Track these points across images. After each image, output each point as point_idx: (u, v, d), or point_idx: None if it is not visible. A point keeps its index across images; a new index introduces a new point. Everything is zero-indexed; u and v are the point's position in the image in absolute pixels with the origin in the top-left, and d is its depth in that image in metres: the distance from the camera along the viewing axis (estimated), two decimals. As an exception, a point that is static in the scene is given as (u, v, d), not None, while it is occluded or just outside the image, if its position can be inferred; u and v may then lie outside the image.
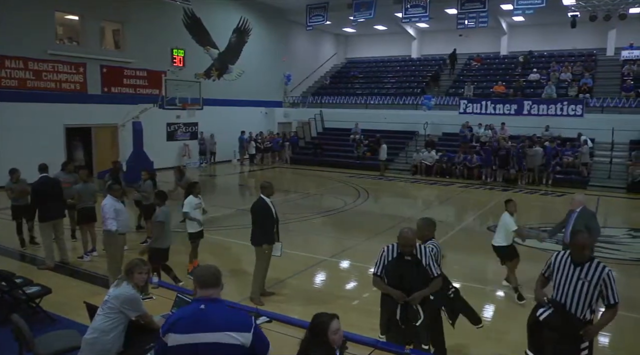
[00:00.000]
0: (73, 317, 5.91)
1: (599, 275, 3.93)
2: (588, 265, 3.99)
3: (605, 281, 3.93)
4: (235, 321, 2.83)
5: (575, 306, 4.01)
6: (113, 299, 4.13)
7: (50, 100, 17.01)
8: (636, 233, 11.71)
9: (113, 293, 4.17)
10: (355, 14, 22.85)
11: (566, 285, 4.04)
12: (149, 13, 20.21)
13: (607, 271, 3.94)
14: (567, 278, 4.04)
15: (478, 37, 27.97)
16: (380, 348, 4.05)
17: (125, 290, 4.17)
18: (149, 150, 18.17)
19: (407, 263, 4.37)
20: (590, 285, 3.94)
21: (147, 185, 9.89)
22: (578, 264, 4.02)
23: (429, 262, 4.43)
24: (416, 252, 4.41)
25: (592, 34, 25.32)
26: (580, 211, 6.81)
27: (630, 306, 7.13)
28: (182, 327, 2.83)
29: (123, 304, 4.11)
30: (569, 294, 4.03)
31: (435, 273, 4.45)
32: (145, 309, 4.29)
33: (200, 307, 2.86)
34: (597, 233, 6.87)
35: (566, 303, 4.04)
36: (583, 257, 4.01)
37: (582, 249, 4.01)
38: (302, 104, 28.42)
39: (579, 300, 3.99)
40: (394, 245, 4.46)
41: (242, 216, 10.90)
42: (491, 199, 16.01)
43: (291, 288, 7.54)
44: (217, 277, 2.97)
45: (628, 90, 21.21)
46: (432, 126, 23.07)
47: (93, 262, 8.76)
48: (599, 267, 3.97)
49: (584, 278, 3.96)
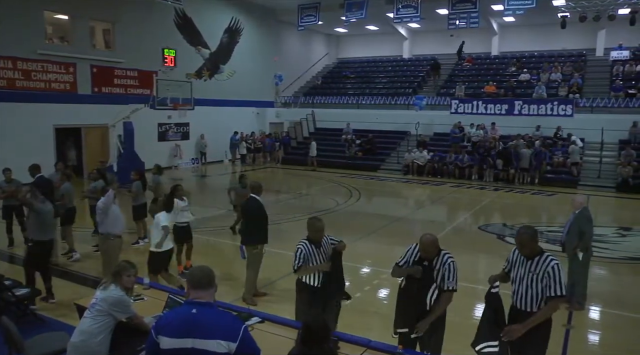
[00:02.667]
0: (63, 319, 5.86)
1: (544, 268, 4.01)
2: (537, 259, 4.07)
3: (549, 273, 3.99)
4: (224, 329, 2.81)
5: (530, 300, 4.10)
6: (101, 302, 4.09)
7: (39, 101, 16.85)
8: (625, 232, 11.83)
9: (101, 296, 4.14)
10: (347, 14, 22.86)
11: (520, 279, 4.17)
12: (140, 13, 20.09)
13: (553, 264, 4.00)
14: (521, 272, 4.16)
15: (469, 37, 28.06)
16: (373, 348, 4.05)
17: (113, 292, 4.15)
18: (140, 151, 18.12)
19: (424, 268, 4.37)
20: (537, 278, 4.04)
21: (136, 186, 9.82)
22: (529, 259, 4.12)
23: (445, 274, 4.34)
24: (436, 262, 4.37)
25: (581, 34, 25.49)
26: (578, 213, 6.86)
27: (620, 304, 7.20)
28: (174, 330, 2.82)
29: (112, 307, 4.08)
30: (522, 287, 4.14)
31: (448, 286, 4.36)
32: (135, 311, 4.26)
33: (192, 311, 2.83)
34: (590, 237, 6.90)
35: (519, 297, 4.15)
36: (530, 253, 4.10)
37: (521, 246, 4.13)
38: (293, 104, 28.39)
39: (531, 293, 4.09)
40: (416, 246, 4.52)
41: (233, 217, 10.87)
42: (482, 199, 16.10)
43: (283, 288, 7.52)
44: (210, 278, 2.95)
45: (617, 91, 21.40)
46: (424, 126, 23.14)
47: (82, 263, 8.70)
48: (547, 260, 4.05)
49: (533, 271, 4.06)
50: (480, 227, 12.13)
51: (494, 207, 15.11)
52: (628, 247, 10.42)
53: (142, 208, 9.96)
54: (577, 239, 6.76)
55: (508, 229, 11.82)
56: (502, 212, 14.65)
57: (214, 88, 23.82)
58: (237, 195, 10.32)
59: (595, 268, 8.86)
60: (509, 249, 8.00)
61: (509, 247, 10.20)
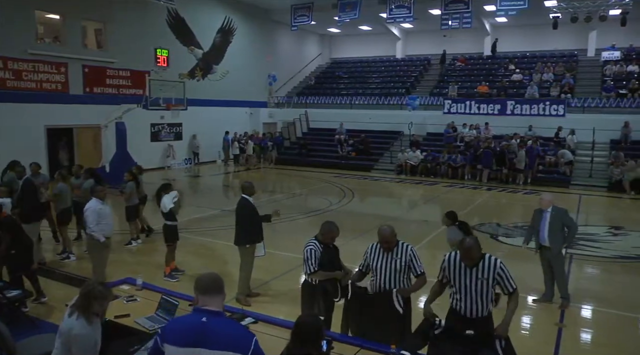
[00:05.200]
0: (55, 321, 5.82)
1: (493, 270, 3.97)
2: (481, 264, 4.00)
3: (500, 274, 3.98)
4: (235, 340, 2.69)
5: (481, 305, 4.04)
6: (64, 334, 3.49)
7: (30, 101, 16.71)
8: (617, 231, 11.91)
9: (65, 326, 3.51)
10: (340, 14, 22.86)
11: (467, 287, 4.04)
12: (132, 12, 19.99)
13: (499, 264, 3.99)
14: (466, 280, 4.04)
15: (462, 37, 28.16)
16: (366, 348, 4.05)
17: (76, 325, 3.44)
18: (133, 151, 18.03)
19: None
20: (488, 282, 3.98)
21: (130, 187, 9.79)
22: (474, 266, 4.03)
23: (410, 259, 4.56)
24: (397, 251, 4.56)
25: (573, 35, 25.66)
26: (552, 211, 6.81)
27: (610, 303, 7.25)
28: (181, 339, 2.71)
29: (72, 341, 3.42)
30: (471, 295, 4.03)
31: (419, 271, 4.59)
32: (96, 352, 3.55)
33: (201, 320, 2.72)
34: (575, 229, 6.95)
35: (470, 305, 4.05)
36: (477, 261, 4.02)
37: (471, 259, 4.00)
38: (287, 104, 28.37)
39: (482, 299, 4.03)
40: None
41: (226, 217, 10.85)
42: (476, 198, 16.16)
43: (277, 289, 7.52)
44: (219, 285, 2.85)
45: (608, 91, 21.56)
46: (417, 126, 23.20)
47: (77, 263, 8.65)
48: (491, 261, 4.00)
49: (482, 277, 3.97)
50: (473, 226, 12.11)
51: (487, 207, 15.16)
52: (619, 246, 10.49)
53: (135, 209, 9.93)
54: (563, 236, 6.78)
55: (502, 228, 11.88)
56: (495, 212, 14.70)
57: (207, 88, 23.76)
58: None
59: (587, 267, 8.93)
60: (503, 249, 8.06)
61: (502, 246, 10.29)
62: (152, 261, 8.72)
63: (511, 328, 4.08)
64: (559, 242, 6.78)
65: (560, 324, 6.38)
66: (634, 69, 22.78)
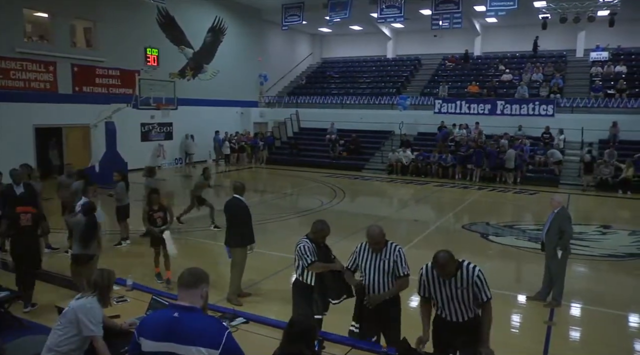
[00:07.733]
0: (44, 322, 5.76)
1: (471, 279, 3.94)
2: (459, 273, 3.97)
3: (477, 282, 3.94)
4: (206, 336, 2.70)
5: (464, 311, 4.04)
6: (72, 311, 3.78)
7: (18, 100, 16.53)
8: (605, 230, 12.04)
9: (75, 304, 3.83)
10: (331, 14, 22.88)
11: (448, 298, 4.03)
12: (122, 11, 19.84)
13: (476, 272, 3.95)
14: (446, 291, 4.02)
15: (452, 37, 28.27)
16: (358, 347, 4.06)
17: (89, 301, 3.83)
18: (123, 151, 17.92)
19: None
20: (467, 291, 3.96)
21: (120, 187, 9.73)
22: (451, 276, 4.00)
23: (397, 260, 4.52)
24: (386, 251, 4.54)
25: (562, 35, 25.85)
26: (557, 212, 6.90)
27: (600, 301, 7.32)
28: (154, 333, 2.76)
29: (82, 315, 3.73)
30: (454, 304, 4.03)
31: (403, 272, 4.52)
32: (101, 331, 3.81)
33: (173, 315, 2.75)
34: (570, 236, 6.96)
35: (455, 312, 4.05)
36: (452, 272, 3.97)
37: (446, 273, 3.96)
38: (277, 104, 28.33)
39: (466, 304, 4.01)
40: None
41: (217, 217, 10.80)
42: (466, 198, 16.25)
43: (268, 289, 7.51)
44: (196, 278, 2.85)
45: (597, 91, 21.77)
46: (408, 126, 23.27)
47: (64, 263, 8.57)
48: (469, 270, 3.97)
49: (461, 286, 3.96)
50: (464, 226, 12.23)
51: (477, 206, 15.24)
52: (608, 245, 10.60)
53: (126, 209, 9.87)
54: (557, 238, 6.84)
55: (492, 227, 11.96)
56: (485, 211, 14.78)
57: (198, 88, 23.66)
58: (196, 185, 11.54)
59: (576, 266, 9.00)
60: (493, 248, 8.10)
61: (492, 246, 10.34)
62: (142, 262, 8.67)
63: (500, 326, 4.11)
64: (552, 243, 6.85)
65: (550, 322, 6.43)
66: (621, 70, 23.02)
